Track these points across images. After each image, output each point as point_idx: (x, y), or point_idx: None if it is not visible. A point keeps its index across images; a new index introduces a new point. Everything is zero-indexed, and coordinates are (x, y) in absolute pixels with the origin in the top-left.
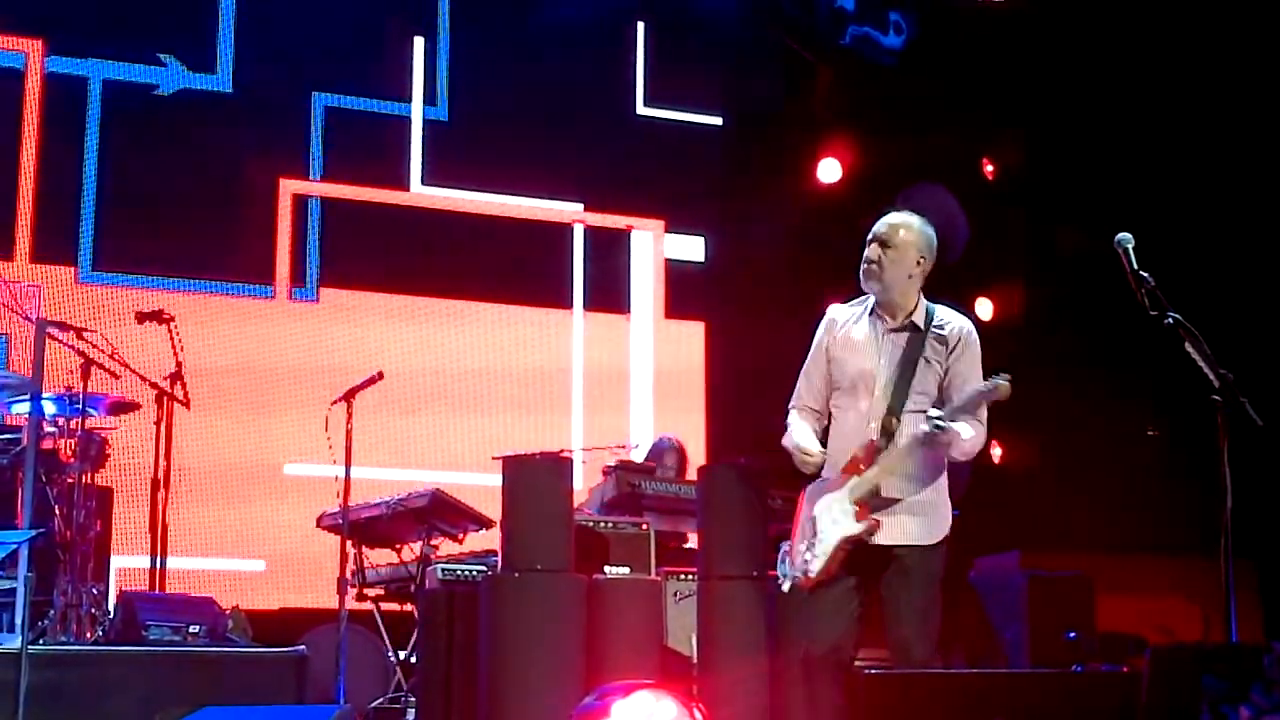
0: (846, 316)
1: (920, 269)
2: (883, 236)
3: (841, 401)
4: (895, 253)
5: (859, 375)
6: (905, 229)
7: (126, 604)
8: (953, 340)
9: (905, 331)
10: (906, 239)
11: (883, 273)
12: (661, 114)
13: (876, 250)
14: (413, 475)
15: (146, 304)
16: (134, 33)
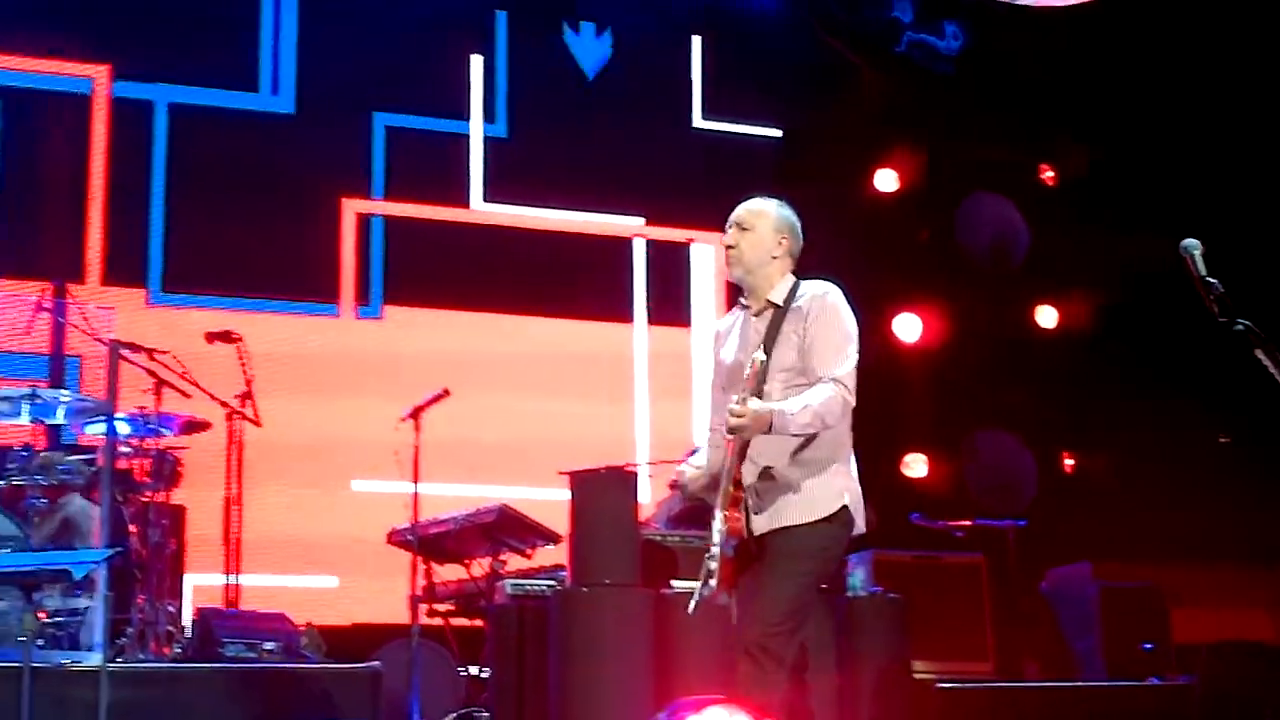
0: (724, 323)
1: (784, 249)
2: (739, 220)
3: (722, 400)
4: (753, 235)
5: (731, 370)
6: (761, 211)
7: (203, 621)
8: (807, 308)
9: (766, 312)
10: (762, 220)
11: (742, 255)
12: (719, 127)
13: (735, 234)
14: (480, 491)
15: (215, 324)
16: (198, 56)
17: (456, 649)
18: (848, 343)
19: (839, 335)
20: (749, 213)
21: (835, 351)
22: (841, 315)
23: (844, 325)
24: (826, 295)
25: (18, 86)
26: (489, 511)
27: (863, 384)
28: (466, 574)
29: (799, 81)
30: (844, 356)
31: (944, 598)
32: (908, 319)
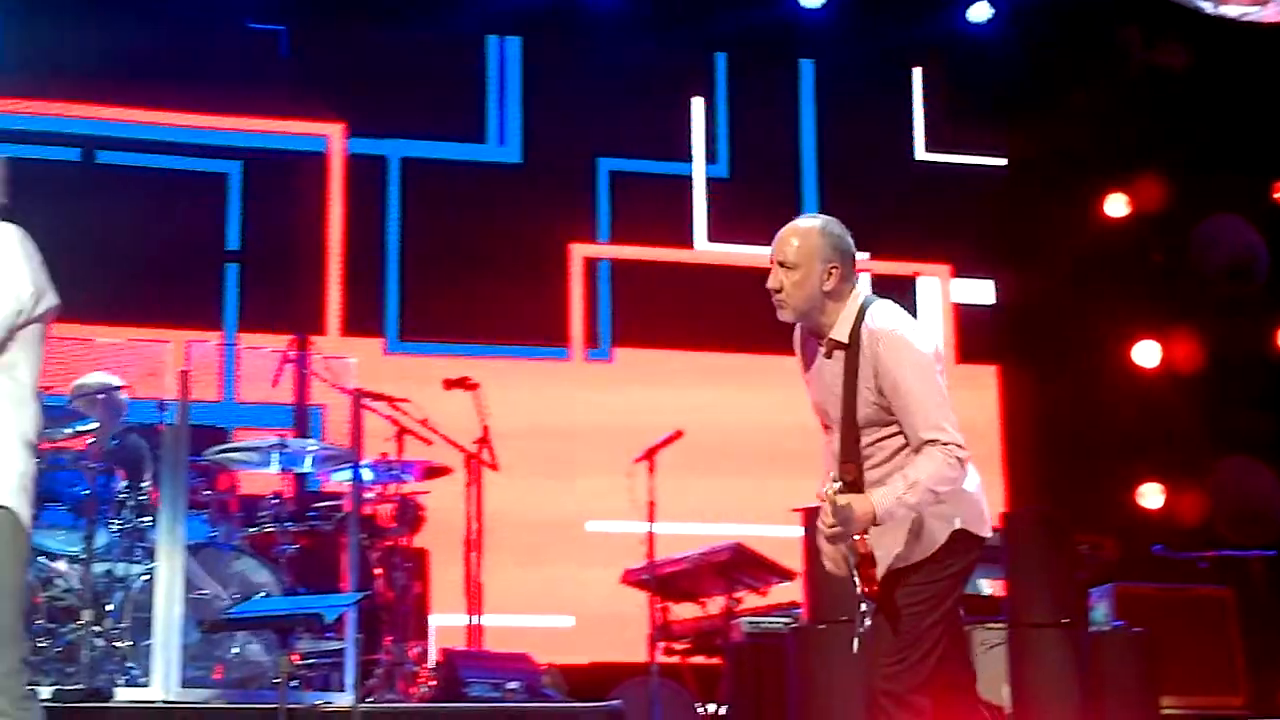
0: (797, 342)
1: (835, 278)
2: (780, 259)
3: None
4: (798, 274)
5: (819, 411)
6: (802, 245)
7: (448, 662)
8: (871, 354)
9: (838, 353)
10: (806, 254)
11: (789, 299)
12: (942, 158)
13: (778, 276)
14: (714, 529)
15: (450, 371)
16: (428, 111)
17: (694, 687)
18: (929, 387)
19: (918, 383)
20: (791, 249)
21: (919, 405)
22: (909, 357)
23: (918, 367)
24: (887, 337)
25: (256, 147)
26: (724, 550)
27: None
28: (702, 612)
29: (1021, 109)
30: (932, 406)
31: (1191, 631)
32: (1147, 345)
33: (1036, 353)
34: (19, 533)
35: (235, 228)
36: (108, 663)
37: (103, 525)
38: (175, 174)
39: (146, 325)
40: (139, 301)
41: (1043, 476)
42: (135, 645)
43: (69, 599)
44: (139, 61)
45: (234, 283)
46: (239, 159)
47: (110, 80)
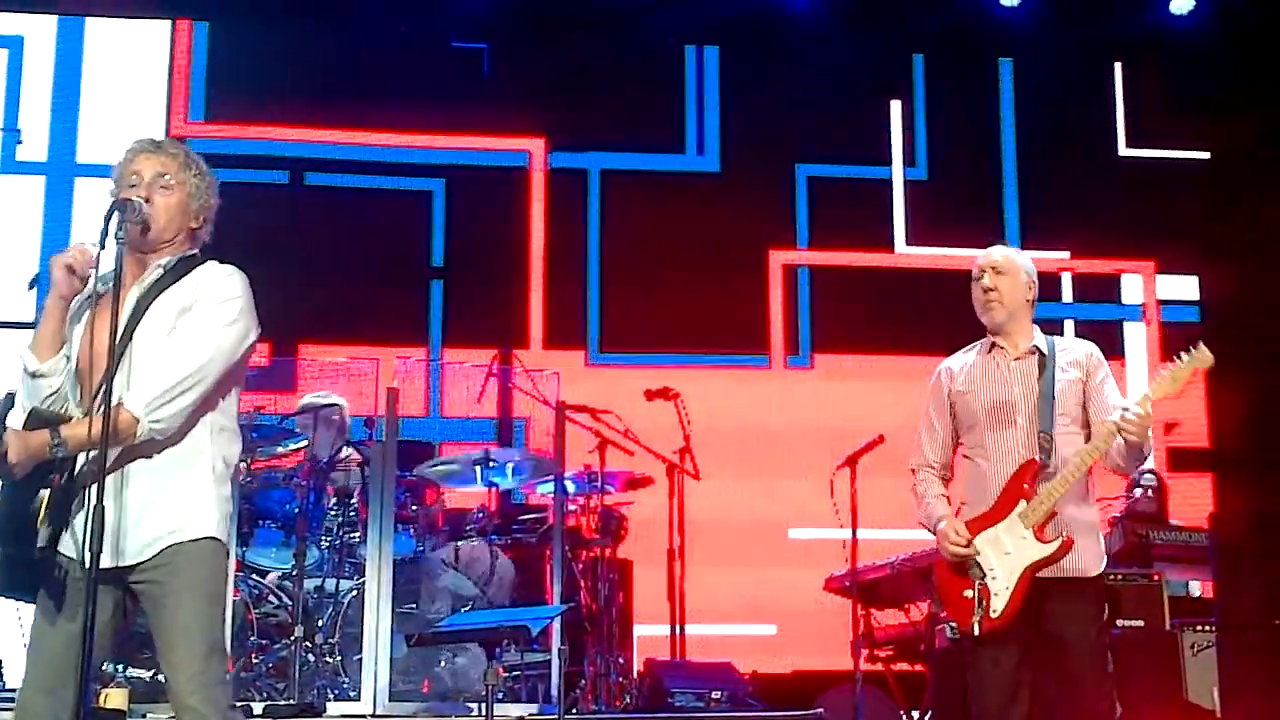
0: (960, 363)
1: (1032, 294)
2: (994, 265)
3: (981, 440)
4: (1009, 279)
5: (995, 408)
6: (1014, 256)
7: (652, 672)
8: (1086, 363)
9: (1032, 357)
10: (1016, 264)
11: (1004, 298)
12: (1144, 153)
13: (993, 277)
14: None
15: (651, 381)
16: (626, 123)
17: (898, 694)
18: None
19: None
20: (1004, 257)
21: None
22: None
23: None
24: (1098, 352)
25: (460, 164)
26: (927, 555)
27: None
28: (905, 618)
29: (1225, 101)
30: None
31: None
32: None
33: (1244, 348)
34: (226, 561)
35: (439, 244)
36: (318, 678)
37: (313, 542)
38: (380, 193)
39: (355, 343)
40: (347, 319)
41: (1252, 475)
42: (345, 660)
43: (281, 615)
44: (344, 83)
45: (439, 299)
46: (443, 176)
47: (316, 102)
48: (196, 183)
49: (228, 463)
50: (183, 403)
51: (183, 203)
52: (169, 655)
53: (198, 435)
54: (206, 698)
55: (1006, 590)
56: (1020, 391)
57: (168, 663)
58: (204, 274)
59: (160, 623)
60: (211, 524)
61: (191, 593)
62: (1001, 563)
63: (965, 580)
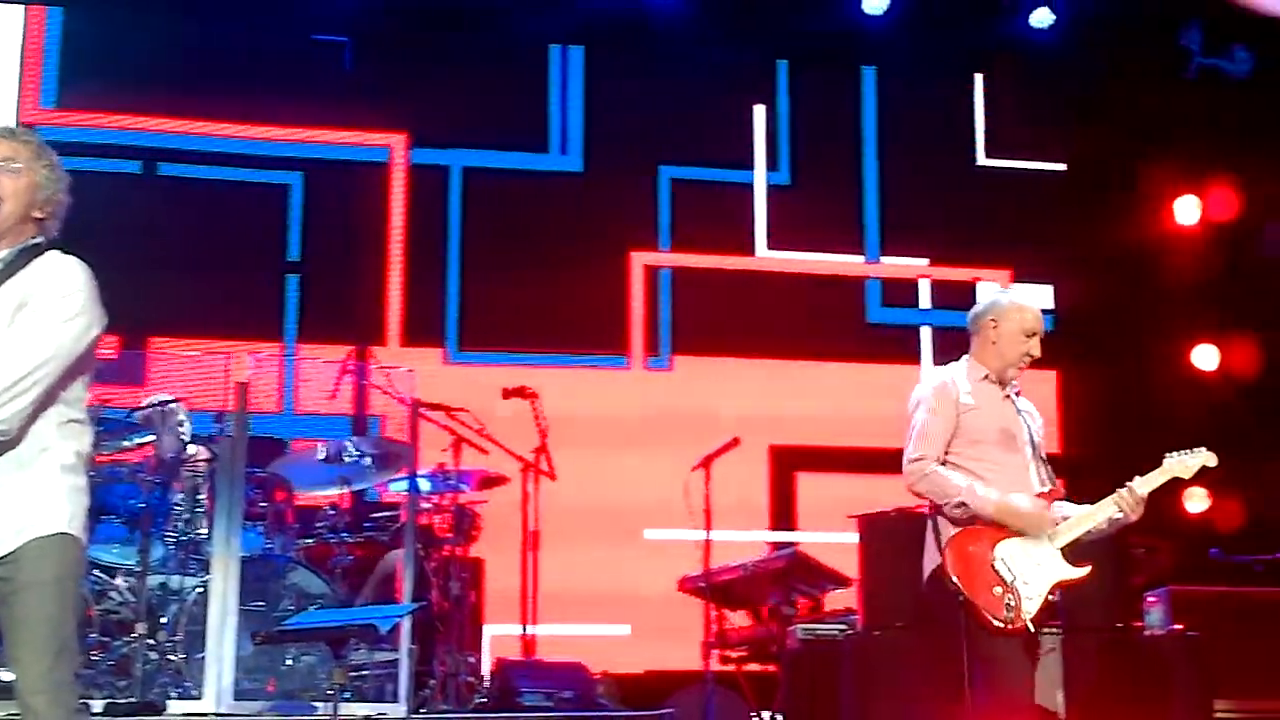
0: (961, 380)
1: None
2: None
3: (988, 456)
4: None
5: (1003, 433)
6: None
7: (502, 672)
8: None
9: (1011, 401)
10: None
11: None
12: (1003, 163)
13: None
14: (771, 537)
15: (509, 380)
16: (490, 120)
17: (749, 694)
18: None
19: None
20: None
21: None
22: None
23: None
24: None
25: (319, 158)
26: (780, 557)
27: (1148, 417)
28: (758, 619)
29: (1082, 114)
30: None
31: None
32: (1206, 349)
33: (1094, 357)
34: (80, 555)
35: (296, 238)
36: (161, 675)
37: (158, 538)
38: (237, 185)
39: (207, 337)
40: (199, 313)
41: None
42: (189, 658)
43: (123, 612)
44: (202, 73)
45: (295, 293)
46: (301, 170)
47: (172, 92)
48: (46, 174)
49: (80, 455)
50: (22, 402)
51: (30, 188)
52: (15, 653)
53: (42, 431)
54: (53, 699)
55: (1040, 597)
56: (1016, 426)
57: (14, 660)
58: (44, 266)
59: (8, 620)
60: (63, 519)
61: (40, 590)
62: (1033, 572)
63: (992, 577)
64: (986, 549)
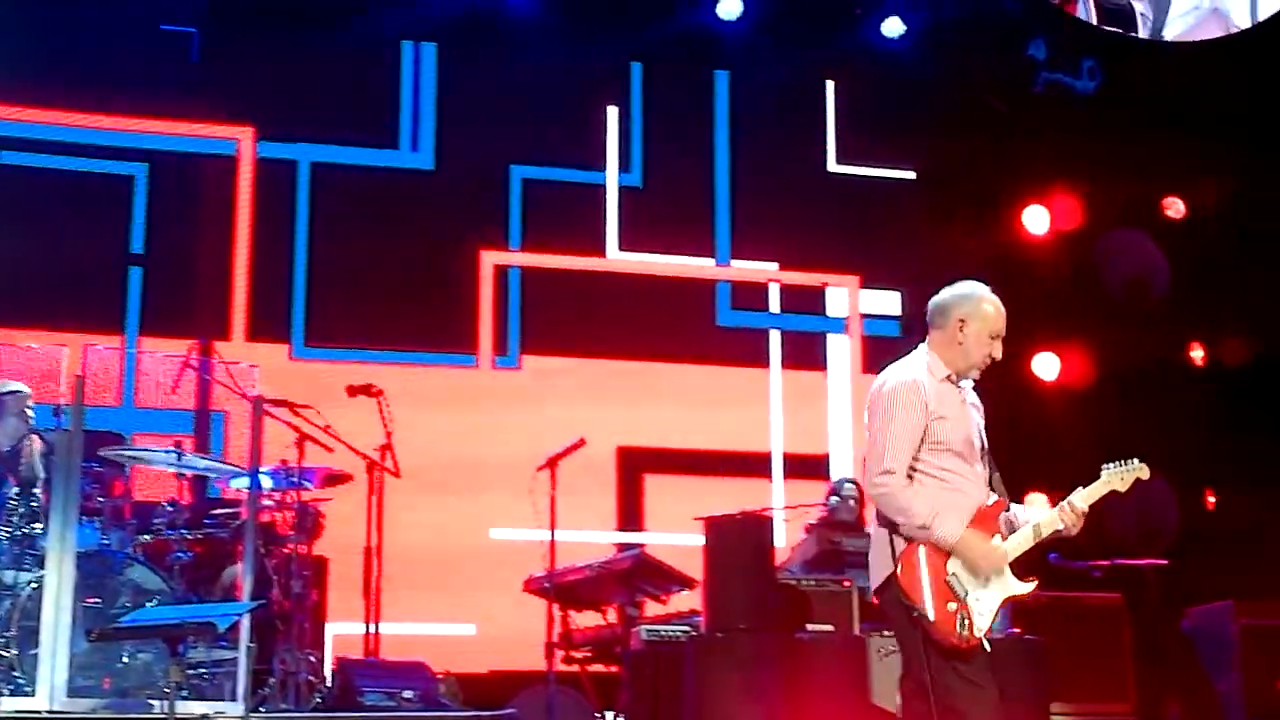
0: (927, 384)
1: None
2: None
3: (949, 464)
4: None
5: (966, 440)
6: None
7: (343, 671)
8: (982, 410)
9: (966, 401)
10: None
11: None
12: (853, 170)
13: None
14: (616, 538)
15: (356, 377)
16: (339, 115)
17: (593, 695)
18: None
19: None
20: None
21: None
22: None
23: None
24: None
25: (164, 150)
26: (625, 558)
27: (990, 424)
28: (603, 620)
29: (933, 123)
30: None
31: (1084, 638)
32: (1046, 358)
33: None
34: None
35: (140, 230)
36: None
37: None
38: (79, 175)
39: (47, 329)
40: (40, 305)
41: None
42: (22, 654)
43: None
44: (46, 62)
45: (137, 286)
46: (146, 161)
47: (15, 79)
48: None
49: None
50: None
51: None
52: None
53: None
54: None
55: (990, 613)
56: (976, 434)
57: None
58: None
59: None
60: None
61: None
62: (984, 589)
63: (946, 593)
64: (940, 563)
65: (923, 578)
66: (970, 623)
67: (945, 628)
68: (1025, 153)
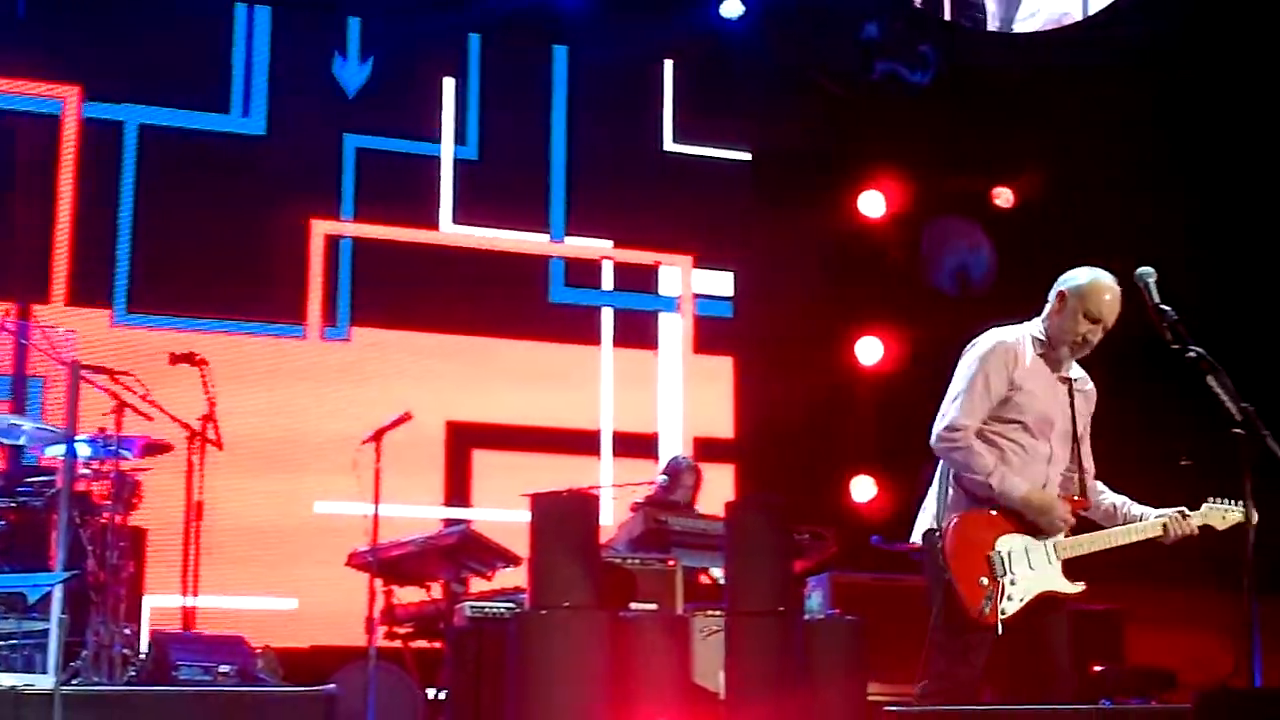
0: (1024, 353)
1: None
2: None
3: (1016, 436)
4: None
5: (1042, 418)
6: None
7: (158, 644)
8: (1091, 400)
9: (1067, 384)
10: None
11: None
12: (689, 150)
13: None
14: (443, 513)
15: (180, 346)
16: (169, 77)
17: (416, 671)
18: None
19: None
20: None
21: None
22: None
23: None
24: (1093, 387)
25: None
26: (451, 534)
27: (817, 407)
28: (427, 596)
29: (770, 105)
30: None
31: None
32: (869, 342)
33: (769, 346)
34: None
35: None
36: None
37: None
38: None
39: None
40: None
41: (772, 468)
42: None
43: None
44: None
45: None
46: None
47: None
48: None
49: None
50: None
51: None
52: None
53: None
54: None
55: (1021, 601)
56: (1060, 413)
57: None
58: None
59: None
60: None
61: None
62: (1025, 574)
63: (983, 568)
64: (989, 538)
65: (965, 547)
66: (997, 601)
67: (969, 600)
68: (860, 137)
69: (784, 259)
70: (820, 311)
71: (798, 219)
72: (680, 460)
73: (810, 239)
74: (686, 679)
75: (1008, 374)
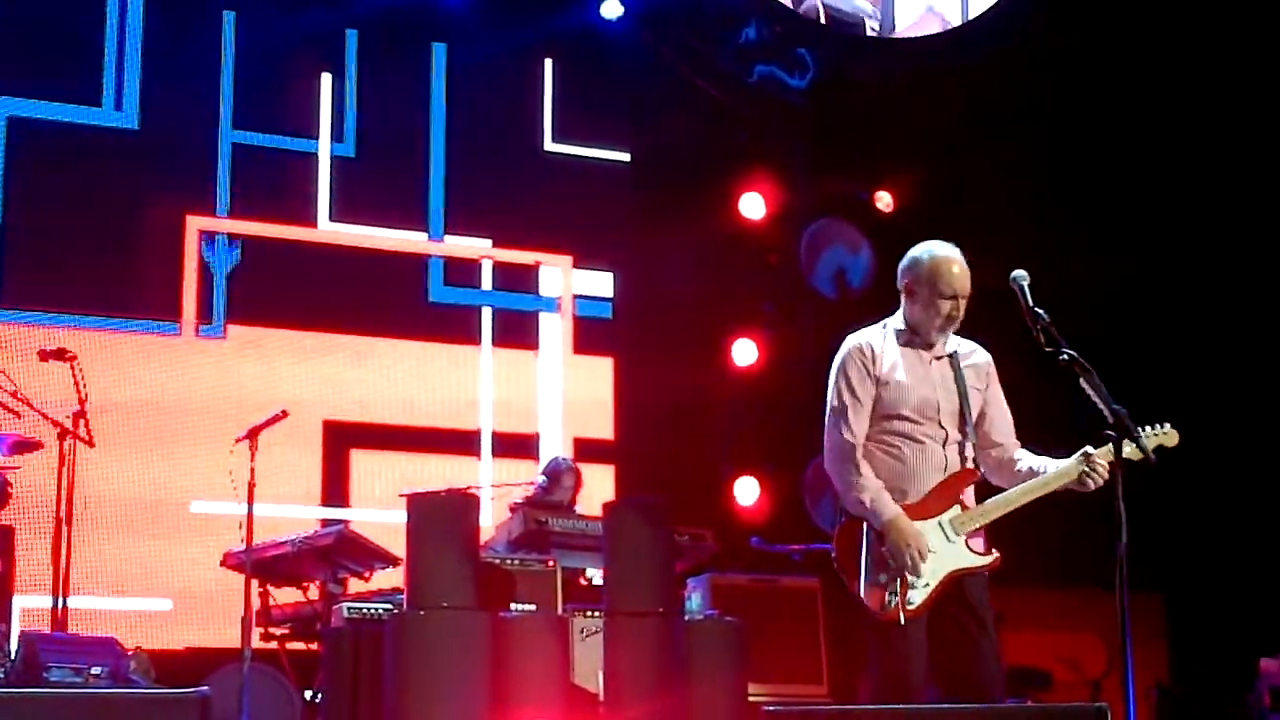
0: (879, 348)
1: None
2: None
3: (902, 429)
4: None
5: (922, 405)
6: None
7: (27, 645)
8: (987, 371)
9: (945, 360)
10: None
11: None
12: (569, 150)
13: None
14: (320, 513)
15: (50, 342)
16: (40, 69)
17: (292, 673)
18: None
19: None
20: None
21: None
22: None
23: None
24: (988, 359)
25: None
26: (328, 534)
27: (699, 408)
28: (304, 597)
29: (651, 106)
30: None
31: (781, 621)
32: (744, 344)
33: (649, 347)
34: None
35: None
36: None
37: None
38: None
39: None
40: None
41: (651, 469)
42: None
43: None
44: None
45: None
46: None
47: None
48: None
49: None
50: None
51: None
52: None
53: None
54: None
55: (927, 588)
56: (942, 394)
57: None
58: None
59: None
60: None
61: None
62: (926, 561)
63: (882, 565)
64: (873, 533)
65: (860, 548)
66: (903, 595)
67: (872, 601)
68: (739, 140)
69: (664, 260)
70: (700, 313)
71: (677, 220)
72: (560, 461)
73: (690, 240)
74: (566, 680)
75: (869, 374)
